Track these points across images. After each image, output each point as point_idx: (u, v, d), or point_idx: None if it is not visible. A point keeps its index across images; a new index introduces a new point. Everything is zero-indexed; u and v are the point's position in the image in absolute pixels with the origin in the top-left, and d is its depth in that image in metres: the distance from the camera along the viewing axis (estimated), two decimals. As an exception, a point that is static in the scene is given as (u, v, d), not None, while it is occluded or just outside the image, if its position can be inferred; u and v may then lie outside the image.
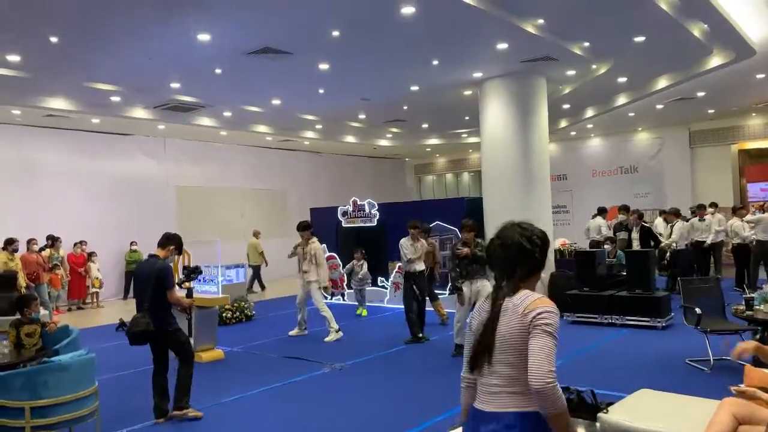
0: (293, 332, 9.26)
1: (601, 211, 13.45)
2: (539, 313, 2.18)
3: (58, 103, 11.46)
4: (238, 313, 10.74)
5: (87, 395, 4.68)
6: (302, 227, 9.19)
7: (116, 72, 9.92)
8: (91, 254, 14.09)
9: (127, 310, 12.96)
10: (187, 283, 6.11)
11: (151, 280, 5.25)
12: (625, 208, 12.17)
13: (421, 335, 8.49)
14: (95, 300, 14.07)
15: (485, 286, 7.21)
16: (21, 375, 4.47)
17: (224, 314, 10.40)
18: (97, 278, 14.01)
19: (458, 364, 7.04)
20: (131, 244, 14.83)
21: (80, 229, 14.18)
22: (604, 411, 4.00)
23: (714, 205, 12.97)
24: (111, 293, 15.02)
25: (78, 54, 8.84)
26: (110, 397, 5.98)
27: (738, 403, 3.39)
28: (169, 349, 5.53)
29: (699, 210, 12.76)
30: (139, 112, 12.73)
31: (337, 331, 8.80)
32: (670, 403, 4.06)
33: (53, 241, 13.26)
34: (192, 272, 6.04)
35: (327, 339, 8.72)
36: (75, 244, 13.85)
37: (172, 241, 5.51)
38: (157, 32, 8.00)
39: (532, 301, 2.23)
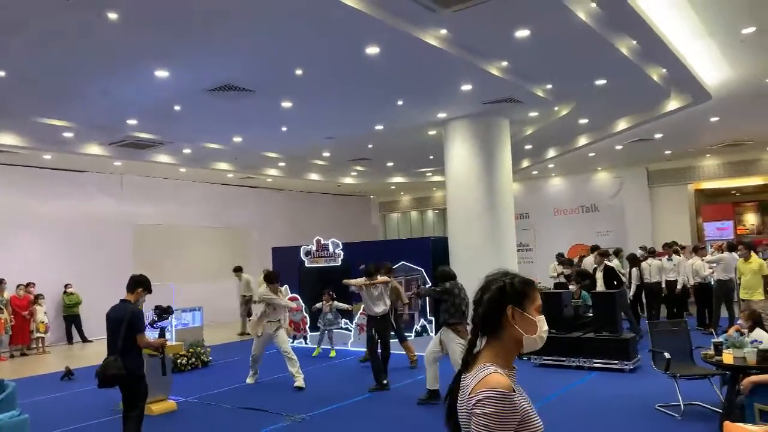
0: (250, 380, 8.84)
1: (559, 256, 14.11)
2: (476, 402, 1.77)
3: (5, 139, 10.93)
4: (194, 359, 10.23)
5: (17, 462, 4.23)
6: (269, 280, 8.76)
7: (69, 108, 9.55)
8: (38, 297, 13.35)
9: (73, 356, 12.33)
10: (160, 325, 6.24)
11: (123, 324, 5.35)
12: (594, 249, 12.21)
13: (385, 382, 8.16)
14: (40, 345, 13.28)
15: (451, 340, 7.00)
16: (-59, 442, 4.01)
17: (179, 360, 9.89)
18: (43, 322, 13.23)
19: (423, 415, 6.76)
20: (66, 287, 14.17)
21: (29, 270, 13.48)
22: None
23: (674, 244, 13.17)
24: (58, 337, 14.22)
25: (28, 89, 8.47)
26: (47, 459, 5.47)
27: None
28: (129, 393, 5.48)
29: (666, 249, 12.93)
30: (94, 149, 12.27)
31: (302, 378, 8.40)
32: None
33: (-2, 283, 12.56)
34: (164, 312, 6.29)
35: (296, 384, 8.30)
36: (18, 286, 13.07)
37: (139, 284, 5.60)
38: (113, 67, 7.72)
39: (477, 382, 1.81)
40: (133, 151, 12.77)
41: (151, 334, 6.18)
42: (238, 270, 14.81)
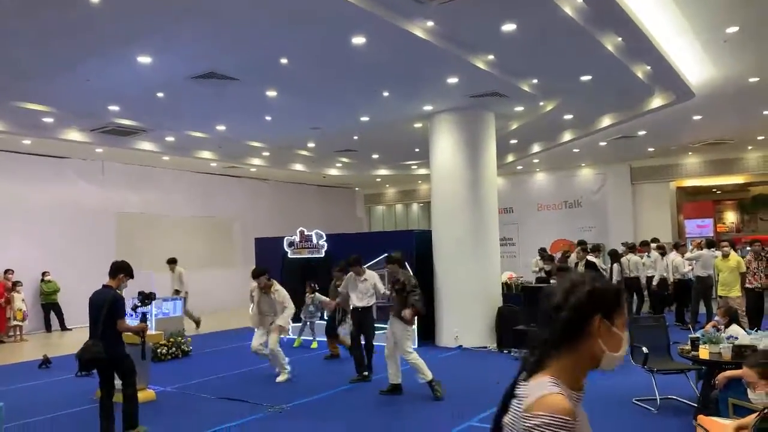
0: (281, 378, 8.35)
1: (541, 251, 14.28)
2: (532, 425, 1.51)
3: (-16, 123, 10.76)
4: (174, 349, 10.16)
5: (-10, 450, 4.17)
6: (256, 275, 8.51)
7: (49, 92, 9.38)
8: (15, 284, 13.15)
9: (51, 345, 12.18)
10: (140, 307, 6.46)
11: (103, 309, 5.54)
12: (580, 244, 12.25)
13: (366, 373, 8.17)
14: (18, 333, 13.10)
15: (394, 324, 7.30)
16: None
17: (159, 350, 9.82)
18: (20, 310, 13.04)
19: (402, 406, 6.78)
20: (43, 274, 13.95)
21: (7, 257, 13.28)
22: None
23: (656, 240, 13.32)
24: (36, 325, 14.03)
25: (7, 71, 8.30)
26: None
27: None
28: (117, 373, 5.79)
29: (642, 246, 13.07)
30: (75, 135, 12.08)
31: (288, 373, 8.32)
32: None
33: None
34: (146, 297, 6.47)
35: (279, 379, 8.22)
36: (-9, 273, 12.86)
37: (121, 270, 5.79)
38: (94, 52, 7.59)
39: (535, 400, 1.54)
40: (116, 138, 12.60)
41: (132, 321, 6.24)
42: (171, 262, 13.56)
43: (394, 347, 7.31)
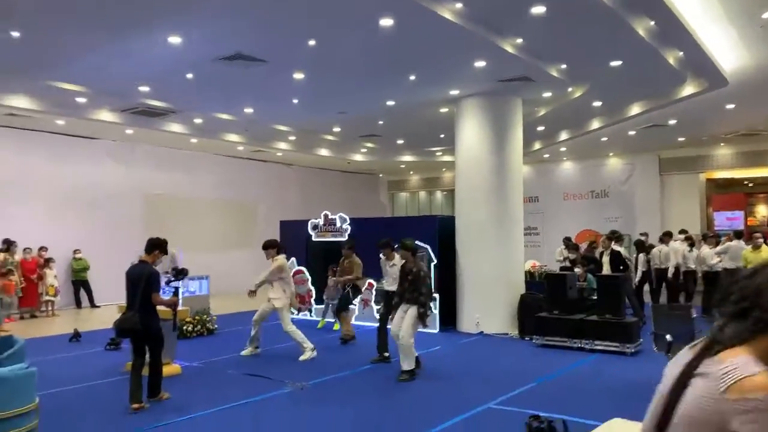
0: (245, 352, 8.73)
1: (566, 240, 14.06)
2: (752, 408, 1.30)
3: (20, 102, 10.99)
4: (199, 327, 10.36)
5: (25, 412, 4.32)
6: (265, 246, 8.74)
7: (82, 72, 9.56)
8: (48, 260, 13.52)
9: (81, 320, 12.50)
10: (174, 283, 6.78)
11: (140, 283, 6.00)
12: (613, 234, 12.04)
13: (387, 354, 8.25)
14: (50, 308, 13.47)
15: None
16: (-49, 388, 4.11)
17: (185, 327, 10.01)
18: (52, 286, 13.41)
19: (423, 388, 6.83)
20: (75, 252, 14.30)
21: (40, 234, 13.62)
22: (576, 442, 3.84)
23: (684, 231, 13.13)
24: (67, 302, 14.41)
25: (42, 51, 8.48)
26: (54, 413, 5.58)
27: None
28: (147, 344, 6.20)
29: (665, 237, 12.93)
30: (106, 115, 12.31)
31: (311, 350, 8.45)
32: (642, 435, 3.90)
33: (9, 245, 12.71)
34: (179, 273, 6.78)
35: (302, 358, 8.36)
36: (24, 249, 13.19)
37: (156, 247, 6.29)
38: (127, 32, 7.71)
39: (744, 377, 1.34)
40: (145, 119, 12.81)
41: (165, 295, 6.62)
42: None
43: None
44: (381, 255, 8.59)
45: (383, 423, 5.61)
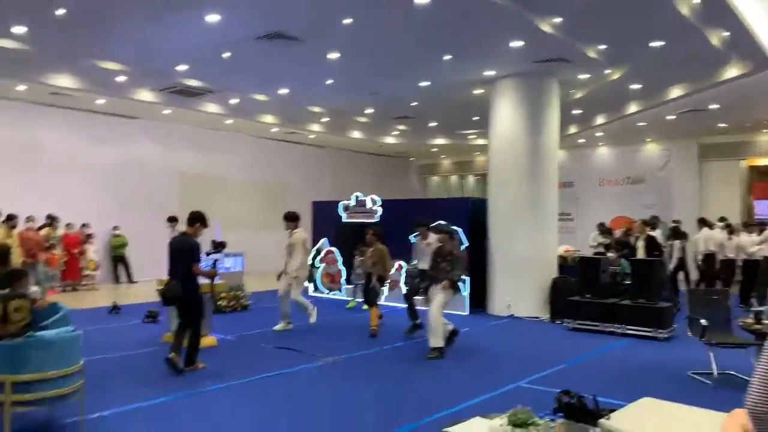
0: (278, 327, 8.92)
1: (600, 226, 13.82)
2: None
3: (63, 81, 11.31)
4: (233, 302, 10.60)
5: (71, 373, 4.53)
6: (286, 218, 9.11)
7: (123, 51, 9.77)
8: (89, 236, 13.96)
9: (120, 294, 12.90)
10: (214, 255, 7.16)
11: (183, 254, 6.39)
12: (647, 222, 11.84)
13: (419, 321, 8.48)
14: (90, 282, 13.93)
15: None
16: (3, 348, 4.32)
17: (220, 302, 10.25)
18: (93, 261, 13.86)
19: (453, 365, 6.88)
20: (114, 228, 14.73)
21: (79, 210, 14.04)
22: (606, 417, 3.85)
23: (723, 219, 12.88)
24: (105, 277, 14.86)
25: (85, 29, 8.69)
26: (97, 378, 5.81)
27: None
28: (188, 312, 6.50)
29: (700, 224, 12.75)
30: (145, 95, 12.58)
31: (314, 310, 8.95)
32: (673, 413, 3.89)
33: (52, 221, 13.13)
34: (218, 246, 7.17)
35: (311, 321, 8.87)
36: (67, 225, 13.62)
37: (197, 220, 6.60)
38: (168, 9, 7.84)
39: None
40: (182, 99, 13.04)
41: (205, 266, 6.94)
42: (172, 220, 12.69)
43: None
44: (416, 235, 8.67)
45: (410, 399, 5.69)
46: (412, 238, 9.12)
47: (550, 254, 10.86)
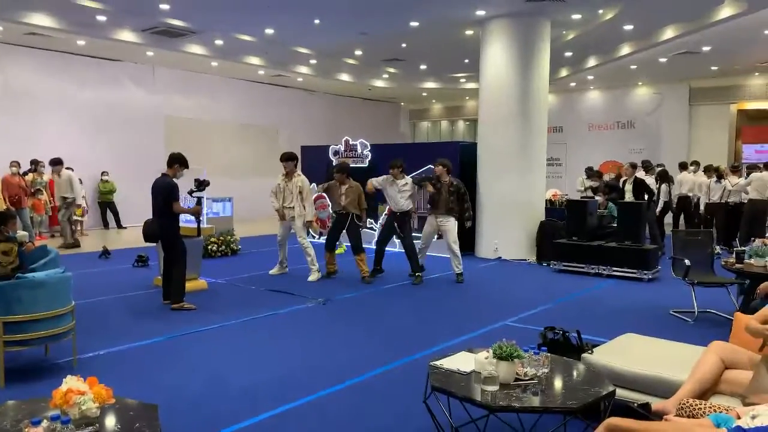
0: (273, 271, 9.00)
1: (588, 169, 13.69)
2: None
3: (40, 20, 10.90)
4: (223, 247, 10.63)
5: (63, 313, 4.57)
6: (285, 158, 8.74)
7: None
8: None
9: (109, 239, 12.89)
10: (197, 193, 7.12)
11: (160, 193, 6.52)
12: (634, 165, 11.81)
13: (379, 267, 8.71)
14: (78, 228, 13.85)
15: (449, 223, 8.30)
16: (-7, 290, 4.33)
17: (209, 246, 10.29)
18: (80, 206, 13.73)
19: (442, 305, 6.99)
20: (102, 174, 14.58)
21: (64, 155, 13.80)
22: (589, 352, 3.96)
23: (710, 167, 13.02)
24: (95, 223, 14.81)
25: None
26: (87, 319, 5.88)
27: (725, 347, 3.35)
28: (168, 251, 6.75)
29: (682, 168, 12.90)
30: (127, 35, 12.20)
31: (318, 271, 8.62)
32: (654, 347, 4.02)
33: (36, 166, 12.96)
34: (201, 184, 7.09)
35: (310, 279, 8.52)
36: (53, 170, 13.41)
37: (176, 161, 6.68)
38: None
39: None
40: (166, 40, 12.67)
41: (188, 205, 7.30)
42: (56, 163, 11.65)
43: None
44: (388, 175, 8.53)
45: (399, 336, 5.81)
46: (379, 180, 8.72)
47: (538, 198, 10.92)
